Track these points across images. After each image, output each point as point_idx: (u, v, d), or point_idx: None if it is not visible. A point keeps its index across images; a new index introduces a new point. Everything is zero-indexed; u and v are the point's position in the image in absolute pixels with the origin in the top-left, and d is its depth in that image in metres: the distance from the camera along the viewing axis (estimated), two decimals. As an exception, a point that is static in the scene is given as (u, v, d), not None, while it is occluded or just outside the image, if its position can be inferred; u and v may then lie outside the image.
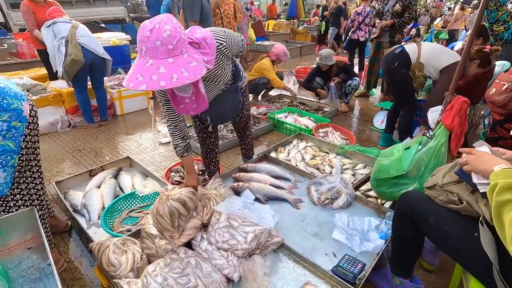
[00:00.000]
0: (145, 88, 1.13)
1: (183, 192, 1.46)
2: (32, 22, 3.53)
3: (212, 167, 2.30)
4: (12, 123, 1.23)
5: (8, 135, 1.23)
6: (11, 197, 1.37)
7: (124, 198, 2.01)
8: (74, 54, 3.03)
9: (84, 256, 1.77)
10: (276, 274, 1.49)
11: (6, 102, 1.21)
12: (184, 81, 1.15)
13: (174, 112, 1.58)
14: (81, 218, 1.93)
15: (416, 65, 2.62)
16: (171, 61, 1.15)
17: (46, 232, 1.55)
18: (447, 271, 1.66)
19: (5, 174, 1.27)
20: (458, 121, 1.60)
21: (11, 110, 1.22)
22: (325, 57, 3.94)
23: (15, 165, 1.30)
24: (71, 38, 3.04)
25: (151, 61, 1.14)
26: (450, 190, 1.13)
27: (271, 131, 3.58)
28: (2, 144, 1.22)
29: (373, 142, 3.33)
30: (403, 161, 1.72)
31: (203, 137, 2.13)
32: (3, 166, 1.25)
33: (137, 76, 1.14)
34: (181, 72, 1.15)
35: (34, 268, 1.38)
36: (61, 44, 3.06)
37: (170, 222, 1.39)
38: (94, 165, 2.72)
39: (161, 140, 3.29)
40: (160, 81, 1.12)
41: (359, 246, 1.63)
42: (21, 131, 1.28)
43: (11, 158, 1.27)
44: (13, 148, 1.26)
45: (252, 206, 1.65)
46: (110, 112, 3.95)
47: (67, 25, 3.10)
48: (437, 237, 1.17)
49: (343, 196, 1.97)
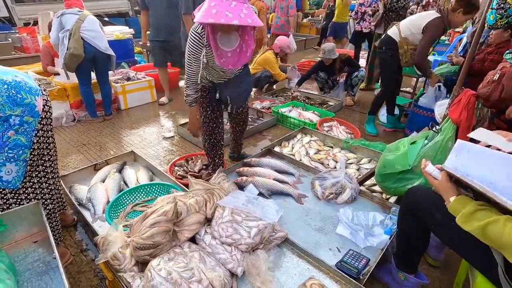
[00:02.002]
0: (237, 23, 1.37)
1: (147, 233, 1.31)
2: (47, 62, 3.86)
3: (217, 159, 2.29)
4: (25, 118, 1.24)
5: (21, 130, 1.24)
6: (23, 190, 1.38)
7: (128, 192, 2.02)
8: (74, 48, 3.03)
9: (89, 249, 1.79)
10: (280, 269, 1.49)
11: (20, 96, 1.22)
12: (259, 23, 1.45)
13: (198, 71, 1.76)
14: (86, 212, 1.94)
15: (402, 41, 2.81)
16: (246, 6, 1.44)
17: (56, 226, 1.58)
18: (452, 266, 1.64)
19: (17, 168, 1.29)
20: (466, 115, 1.57)
21: (24, 105, 1.23)
22: (328, 51, 3.88)
23: (26, 160, 1.32)
24: (74, 31, 3.04)
25: (234, 3, 1.40)
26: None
27: (275, 125, 3.56)
28: (15, 139, 1.24)
29: (378, 136, 3.30)
30: (408, 156, 1.69)
31: (212, 127, 2.13)
32: (15, 160, 1.27)
33: (226, 14, 1.37)
34: (253, 16, 1.43)
35: (40, 262, 1.39)
36: (65, 37, 3.07)
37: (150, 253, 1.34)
38: (98, 159, 2.73)
39: (165, 134, 3.29)
40: (247, 18, 1.39)
41: (363, 241, 1.63)
42: (33, 126, 1.29)
43: (23, 152, 1.28)
44: (25, 143, 1.27)
45: (255, 201, 1.64)
46: (114, 107, 3.95)
47: (74, 17, 3.09)
48: (443, 233, 1.16)
49: (347, 191, 1.95)
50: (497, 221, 0.86)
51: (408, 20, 2.86)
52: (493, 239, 0.87)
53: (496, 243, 0.88)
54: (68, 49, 3.05)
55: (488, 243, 0.91)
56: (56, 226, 1.58)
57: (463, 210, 0.95)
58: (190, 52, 1.69)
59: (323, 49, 3.91)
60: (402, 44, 2.82)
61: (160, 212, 1.36)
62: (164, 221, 1.34)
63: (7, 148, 1.23)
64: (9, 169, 1.27)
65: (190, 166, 2.50)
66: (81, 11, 3.18)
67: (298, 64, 5.70)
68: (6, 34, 6.49)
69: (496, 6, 1.47)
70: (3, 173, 1.26)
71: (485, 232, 0.88)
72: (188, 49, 1.69)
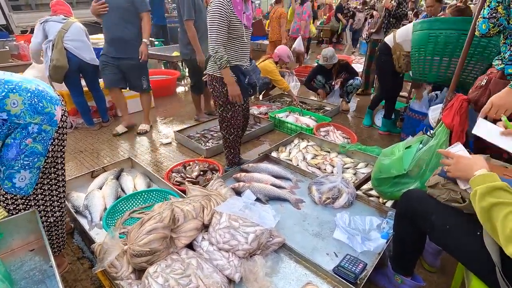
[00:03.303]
0: None
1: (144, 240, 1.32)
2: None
3: (235, 157, 2.47)
4: (43, 126, 1.26)
5: (38, 138, 1.26)
6: (33, 196, 1.39)
7: (126, 199, 2.02)
8: (56, 60, 2.97)
9: (86, 257, 1.78)
10: (277, 274, 1.49)
11: (41, 105, 1.25)
12: None
13: (224, 35, 1.97)
14: (83, 220, 1.94)
15: (395, 46, 2.94)
16: None
17: (61, 233, 1.58)
18: (449, 271, 1.65)
19: (31, 175, 1.31)
20: (459, 119, 1.59)
21: (44, 114, 1.26)
22: (330, 57, 3.95)
23: (40, 167, 1.33)
24: (57, 42, 2.98)
25: None
26: (453, 189, 1.12)
27: (272, 131, 3.58)
28: (32, 147, 1.25)
29: (374, 141, 3.33)
30: (403, 160, 1.71)
31: (241, 120, 2.34)
32: (30, 167, 1.28)
33: None
34: None
35: (37, 270, 1.38)
36: (48, 48, 3.01)
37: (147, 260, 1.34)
38: (96, 166, 2.73)
39: (162, 141, 3.30)
40: None
41: (360, 245, 1.63)
42: (50, 135, 1.30)
43: (38, 160, 1.30)
44: (41, 151, 1.29)
45: (253, 207, 1.65)
46: (111, 113, 3.96)
47: (57, 26, 3.02)
48: (439, 236, 1.17)
49: (344, 196, 1.96)
50: (508, 205, 0.83)
51: (404, 28, 2.97)
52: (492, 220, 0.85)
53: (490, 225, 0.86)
54: (51, 61, 2.98)
55: (485, 224, 0.88)
56: (61, 234, 1.58)
57: (489, 184, 0.89)
58: (218, 16, 1.90)
59: (324, 56, 3.96)
60: (395, 49, 2.93)
61: (157, 218, 1.36)
62: (161, 228, 1.34)
63: (23, 156, 1.25)
64: (23, 176, 1.29)
65: (187, 172, 2.50)
66: (66, 18, 3.10)
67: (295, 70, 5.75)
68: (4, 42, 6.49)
69: (488, 16, 1.50)
70: (16, 179, 1.28)
71: (490, 211, 0.85)
72: (215, 15, 1.90)
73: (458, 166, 1.03)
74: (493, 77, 1.55)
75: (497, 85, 1.53)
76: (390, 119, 3.42)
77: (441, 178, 1.18)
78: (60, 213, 1.53)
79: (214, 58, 2.00)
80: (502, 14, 1.47)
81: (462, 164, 1.03)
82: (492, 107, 1.38)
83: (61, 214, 1.54)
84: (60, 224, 1.55)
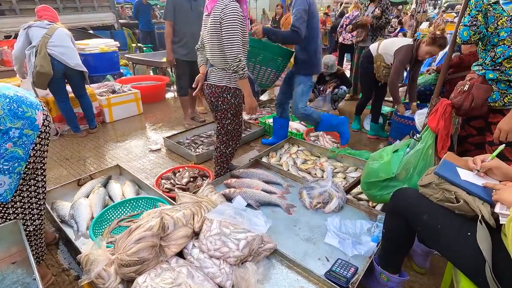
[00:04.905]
0: None
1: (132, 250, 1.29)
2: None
3: (227, 170, 2.43)
4: (24, 131, 1.25)
5: (19, 142, 1.25)
6: (12, 204, 1.36)
7: (114, 207, 1.97)
8: (40, 66, 2.89)
9: (72, 268, 1.73)
10: (269, 281, 1.48)
11: (21, 110, 1.24)
12: None
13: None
14: (69, 229, 1.88)
15: (377, 56, 3.08)
16: None
17: (40, 243, 1.54)
18: (438, 272, 1.68)
19: (10, 180, 1.28)
20: (443, 123, 1.64)
21: (25, 118, 1.25)
22: (330, 66, 4.04)
23: (21, 173, 1.31)
24: (41, 48, 2.91)
25: None
26: (447, 189, 1.14)
27: (262, 136, 3.58)
28: (12, 151, 1.23)
29: (363, 145, 3.37)
30: (392, 164, 1.74)
31: (241, 132, 2.31)
32: (10, 172, 1.26)
33: None
34: None
35: (19, 284, 1.33)
36: (32, 54, 2.94)
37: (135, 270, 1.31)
38: (82, 174, 2.66)
39: (152, 147, 3.25)
40: None
41: (351, 249, 1.64)
42: (31, 139, 1.29)
43: (19, 165, 1.28)
44: (21, 156, 1.27)
45: (244, 213, 1.64)
46: (99, 120, 3.89)
47: (41, 32, 2.95)
48: (429, 235, 1.18)
49: (334, 200, 1.98)
50: None
51: (388, 40, 3.15)
52: None
53: None
54: (35, 67, 2.91)
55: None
56: (40, 243, 1.53)
57: None
58: (239, 23, 1.85)
59: (326, 64, 4.03)
60: (377, 59, 3.08)
61: (145, 227, 1.33)
62: (149, 236, 1.32)
63: (2, 160, 1.22)
64: (1, 181, 1.25)
65: (177, 179, 2.47)
66: (51, 24, 3.03)
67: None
68: (-14, 47, 6.32)
69: (469, 23, 1.56)
70: None
71: None
72: (236, 22, 1.83)
73: (509, 190, 1.00)
74: (474, 82, 1.61)
75: (479, 89, 1.59)
76: (377, 123, 3.49)
77: (435, 177, 1.19)
78: (40, 221, 1.50)
79: (235, 67, 1.87)
80: (481, 22, 1.53)
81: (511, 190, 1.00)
82: (502, 133, 1.50)
83: (41, 223, 1.51)
84: (39, 233, 1.51)
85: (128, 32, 8.15)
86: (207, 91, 2.12)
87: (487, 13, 1.50)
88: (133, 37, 8.26)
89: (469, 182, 1.12)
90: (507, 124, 1.48)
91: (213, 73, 2.07)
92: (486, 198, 1.05)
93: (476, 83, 1.60)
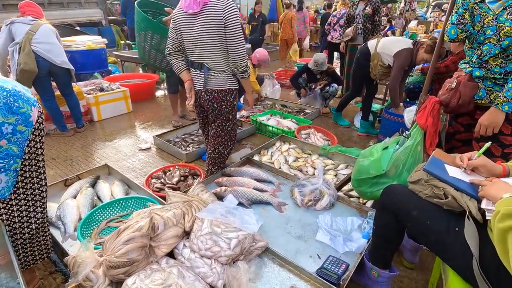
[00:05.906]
0: None
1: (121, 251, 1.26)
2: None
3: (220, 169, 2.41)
4: (18, 127, 1.22)
5: (13, 139, 1.22)
6: (15, 201, 1.35)
7: (102, 208, 1.93)
8: (24, 64, 2.79)
9: (59, 271, 1.68)
10: (261, 279, 1.47)
11: (17, 105, 1.21)
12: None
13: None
14: (56, 231, 1.83)
15: (375, 54, 3.03)
16: None
17: (45, 241, 1.53)
18: (427, 267, 1.71)
19: (7, 178, 1.26)
20: (432, 120, 1.66)
21: (19, 114, 1.22)
22: (321, 64, 4.01)
23: (17, 170, 1.29)
24: (24, 44, 2.81)
25: None
26: (435, 185, 1.16)
27: (253, 134, 3.57)
28: (7, 148, 1.21)
29: (354, 142, 3.40)
30: (381, 161, 1.75)
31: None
32: (5, 170, 1.23)
33: None
34: None
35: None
36: (15, 51, 2.83)
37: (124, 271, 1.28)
38: (69, 174, 2.60)
39: (141, 146, 3.20)
40: None
41: (342, 246, 1.65)
42: (26, 136, 1.27)
43: (14, 162, 1.25)
44: (16, 153, 1.25)
45: (235, 211, 1.63)
46: (86, 119, 3.80)
47: (24, 28, 2.85)
48: (419, 231, 1.20)
49: (326, 197, 1.98)
50: None
51: (388, 40, 3.11)
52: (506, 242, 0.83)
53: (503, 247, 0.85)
54: (19, 65, 2.80)
55: (498, 246, 0.87)
56: (45, 241, 1.53)
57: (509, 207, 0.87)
58: (240, 23, 1.82)
59: (316, 61, 4.00)
60: (374, 57, 3.05)
61: (135, 227, 1.31)
62: (139, 237, 1.29)
63: None
64: None
65: (168, 178, 2.44)
66: (34, 20, 2.93)
67: (276, 73, 5.80)
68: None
69: (456, 22, 1.58)
70: None
71: (507, 233, 0.83)
72: (239, 22, 1.81)
73: (494, 186, 1.01)
74: (462, 80, 1.63)
75: (466, 87, 1.61)
76: (367, 120, 3.51)
77: (424, 174, 1.20)
78: (43, 220, 1.49)
79: (244, 67, 1.86)
80: (468, 21, 1.55)
81: (498, 186, 1.00)
82: (481, 127, 1.56)
83: (44, 220, 1.51)
84: (42, 230, 1.50)
85: (116, 29, 7.98)
86: (207, 97, 1.99)
87: (474, 11, 1.53)
88: (122, 34, 8.09)
89: (457, 179, 1.14)
90: (487, 119, 1.54)
91: (212, 78, 1.94)
92: (473, 194, 1.07)
93: (463, 81, 1.62)
